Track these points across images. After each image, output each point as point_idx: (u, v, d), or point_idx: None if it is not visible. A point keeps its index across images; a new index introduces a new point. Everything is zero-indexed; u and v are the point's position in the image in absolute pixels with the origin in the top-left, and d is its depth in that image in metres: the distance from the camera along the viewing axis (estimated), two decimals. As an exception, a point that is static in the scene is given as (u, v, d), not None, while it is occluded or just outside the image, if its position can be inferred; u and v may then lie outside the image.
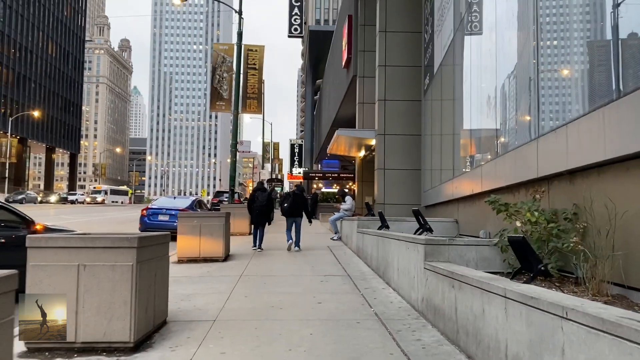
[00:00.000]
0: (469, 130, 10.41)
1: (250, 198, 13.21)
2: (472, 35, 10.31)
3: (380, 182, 17.52)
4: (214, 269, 8.90)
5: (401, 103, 17.80)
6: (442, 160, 13.10)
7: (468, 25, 10.29)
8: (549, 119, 5.89)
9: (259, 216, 12.35)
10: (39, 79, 73.83)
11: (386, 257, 7.71)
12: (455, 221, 11.11)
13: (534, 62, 6.32)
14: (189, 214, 10.10)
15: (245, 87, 17.73)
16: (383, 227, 9.49)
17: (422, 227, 6.76)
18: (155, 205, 16.32)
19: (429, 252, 5.57)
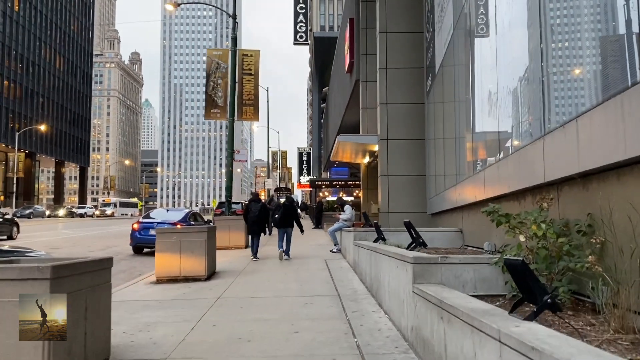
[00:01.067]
0: (471, 132, 9.57)
1: (245, 209, 13.71)
2: (472, 30, 9.50)
3: (384, 189, 16.73)
4: (192, 290, 8.12)
5: (403, 106, 17.01)
6: (446, 165, 12.25)
7: (467, 20, 9.47)
8: (556, 113, 5.05)
9: (253, 226, 12.91)
10: (47, 93, 74.08)
11: (378, 274, 6.88)
12: (460, 231, 10.25)
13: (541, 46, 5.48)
14: (166, 230, 9.35)
15: (241, 94, 17.02)
16: (379, 239, 8.65)
17: (415, 241, 5.95)
18: (147, 219, 15.61)
19: (419, 272, 4.74)
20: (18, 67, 66.70)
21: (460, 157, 10.65)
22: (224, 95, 17.07)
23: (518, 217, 4.52)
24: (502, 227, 4.67)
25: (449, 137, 11.99)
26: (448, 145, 11.97)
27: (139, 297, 7.50)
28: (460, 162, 10.62)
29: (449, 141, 11.94)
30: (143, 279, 9.38)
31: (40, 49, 72.57)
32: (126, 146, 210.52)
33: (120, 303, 7.08)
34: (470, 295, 4.71)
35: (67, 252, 15.56)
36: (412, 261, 4.78)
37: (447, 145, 12.14)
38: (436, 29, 13.40)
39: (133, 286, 8.67)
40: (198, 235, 9.10)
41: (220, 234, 14.73)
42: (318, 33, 56.64)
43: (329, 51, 45.93)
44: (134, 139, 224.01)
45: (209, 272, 9.33)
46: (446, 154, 12.16)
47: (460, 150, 10.63)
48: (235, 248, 14.99)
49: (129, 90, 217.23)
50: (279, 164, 58.40)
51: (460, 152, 10.63)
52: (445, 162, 12.22)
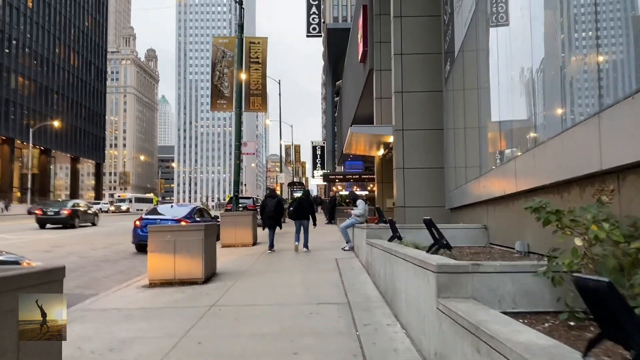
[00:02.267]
0: (497, 121, 8.59)
1: (261, 205, 14.52)
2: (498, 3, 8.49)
3: (400, 182, 15.80)
4: (186, 296, 7.27)
5: (420, 94, 16.05)
6: (468, 157, 11.27)
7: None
8: (616, 85, 4.06)
9: (270, 220, 13.41)
10: (62, 90, 74.11)
11: (394, 280, 5.96)
12: (484, 227, 9.26)
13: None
14: (159, 227, 8.50)
15: (248, 83, 16.14)
16: (394, 238, 7.73)
17: (437, 242, 5.02)
18: (150, 215, 14.84)
19: (444, 284, 3.82)
20: (32, 64, 66.69)
21: (483, 147, 9.66)
22: (231, 85, 16.22)
23: (571, 214, 3.56)
24: (551, 226, 3.70)
25: (471, 126, 11.01)
26: (470, 135, 10.99)
27: (124, 305, 6.67)
28: (484, 153, 9.64)
29: (471, 131, 10.95)
30: (136, 282, 8.56)
31: (55, 46, 72.52)
32: (143, 142, 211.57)
33: (101, 312, 6.26)
34: (509, 312, 3.79)
35: (68, 250, 14.88)
36: (435, 269, 3.85)
37: (468, 135, 11.16)
38: (455, 8, 12.38)
39: (123, 290, 7.86)
40: (194, 233, 8.24)
41: (226, 231, 13.93)
42: (331, 25, 55.54)
43: (342, 43, 44.91)
44: (151, 135, 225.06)
45: (208, 275, 8.47)
46: (468, 144, 11.17)
47: (483, 140, 9.65)
48: (242, 246, 14.16)
49: (145, 87, 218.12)
50: (293, 158, 57.49)
51: (483, 141, 9.65)
52: (467, 153, 11.24)
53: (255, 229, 15.07)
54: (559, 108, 5.50)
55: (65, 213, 27.04)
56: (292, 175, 59.39)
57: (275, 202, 13.55)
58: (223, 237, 14.19)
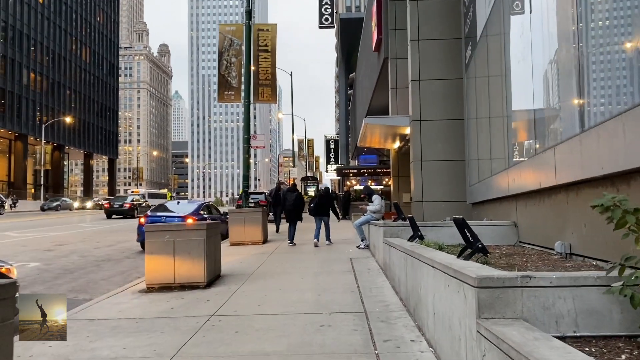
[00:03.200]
0: (529, 109, 7.75)
1: (282, 198, 14.67)
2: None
3: (417, 176, 14.98)
4: (185, 302, 6.56)
5: (439, 83, 15.18)
6: (493, 148, 10.43)
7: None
8: None
9: (290, 214, 13.59)
10: (74, 85, 74.07)
11: (417, 287, 5.19)
12: (514, 224, 8.44)
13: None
14: (157, 227, 7.80)
15: (257, 73, 15.39)
16: (415, 237, 6.94)
17: (470, 245, 4.23)
18: (156, 212, 14.19)
19: (487, 301, 3.05)
20: (44, 60, 66.66)
21: (512, 137, 8.84)
22: (238, 75, 15.48)
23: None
24: (622, 230, 2.90)
25: (496, 115, 10.17)
26: (496, 125, 10.15)
27: (114, 314, 5.98)
28: (512, 143, 8.82)
29: (497, 120, 10.11)
30: (134, 286, 7.89)
31: (66, 41, 72.44)
32: (157, 138, 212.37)
33: (87, 324, 5.57)
34: (569, 337, 3.01)
35: (71, 249, 14.31)
36: (475, 283, 3.07)
37: (494, 124, 10.31)
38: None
39: (117, 296, 7.18)
40: (195, 233, 7.53)
41: (234, 228, 13.26)
42: (344, 14, 54.54)
43: (355, 33, 44.02)
44: (165, 131, 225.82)
45: (210, 278, 7.77)
46: (493, 134, 10.34)
47: (512, 129, 8.82)
48: (252, 244, 13.46)
49: (158, 82, 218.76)
50: (306, 152, 56.71)
51: (512, 131, 8.82)
52: (492, 143, 10.40)
53: (266, 226, 14.36)
54: (619, 85, 4.67)
55: (127, 206, 34.08)
56: (305, 169, 58.71)
57: (295, 196, 13.74)
58: (232, 234, 13.51)
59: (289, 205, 13.57)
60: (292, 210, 13.50)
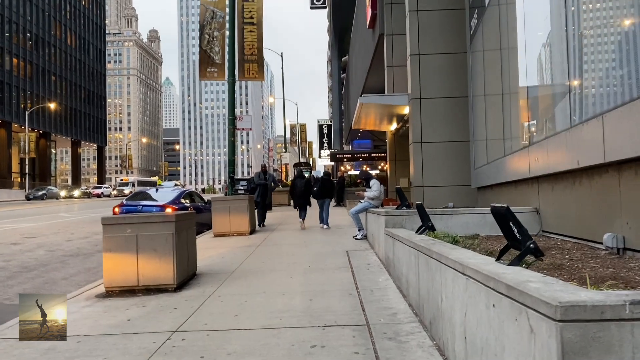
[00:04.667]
0: (558, 82, 6.57)
1: (291, 185, 15.58)
2: None
3: (417, 159, 13.84)
4: (146, 312, 5.37)
5: (440, 57, 13.98)
6: (506, 126, 9.26)
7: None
8: None
9: (300, 200, 14.23)
10: (59, 71, 72.07)
11: (435, 295, 4.01)
12: (535, 211, 7.28)
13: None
14: (117, 219, 6.56)
15: (242, 48, 14.07)
16: (425, 229, 5.77)
17: (517, 244, 3.04)
18: (131, 201, 12.95)
19: (576, 344, 1.88)
20: (28, 45, 64.60)
21: (534, 113, 7.66)
22: (222, 50, 14.15)
23: None
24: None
25: (512, 91, 8.99)
26: (512, 101, 8.97)
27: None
28: (534, 119, 7.65)
29: (512, 96, 8.93)
30: (91, 289, 6.69)
31: (50, 26, 70.27)
32: (147, 125, 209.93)
33: (13, 345, 4.38)
34: None
35: (39, 242, 13.05)
36: (558, 315, 1.89)
37: (509, 101, 9.12)
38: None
39: (68, 303, 5.97)
40: (163, 226, 6.31)
41: (218, 218, 12.08)
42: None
43: (348, 13, 42.57)
44: (156, 118, 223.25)
45: (182, 278, 6.57)
46: (507, 112, 9.15)
47: (534, 105, 7.64)
48: (238, 234, 12.25)
49: (148, 69, 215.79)
50: (298, 137, 55.33)
51: (534, 106, 7.64)
52: (507, 121, 9.22)
53: (254, 216, 13.16)
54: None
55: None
56: (298, 155, 57.31)
57: (304, 183, 14.42)
58: (215, 225, 12.30)
59: (299, 192, 14.24)
60: (302, 195, 14.21)
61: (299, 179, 14.68)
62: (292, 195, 14.82)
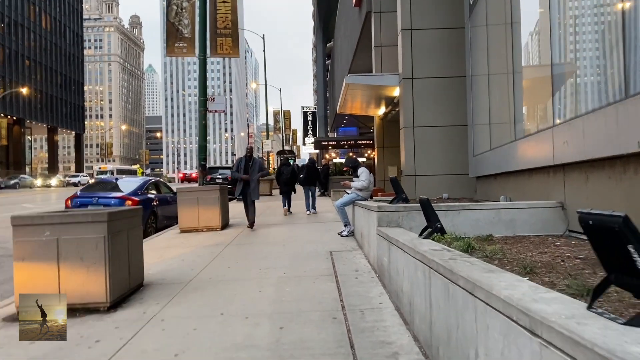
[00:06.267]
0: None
1: (277, 172, 15.78)
2: None
3: (409, 145, 12.55)
4: (56, 348, 3.94)
5: (435, 33, 12.69)
6: (517, 107, 7.95)
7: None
8: None
9: (285, 187, 14.60)
10: (34, 55, 69.32)
11: (464, 341, 2.65)
12: (560, 206, 5.95)
13: None
14: (32, 218, 5.07)
15: (215, 20, 12.56)
16: (432, 231, 4.43)
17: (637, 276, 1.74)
18: (85, 192, 11.42)
19: None
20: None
21: (560, 91, 6.32)
22: (192, 23, 12.59)
23: None
24: None
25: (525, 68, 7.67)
26: (523, 80, 7.64)
27: None
28: (558, 98, 6.33)
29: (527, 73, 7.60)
30: (2, 308, 5.24)
31: (24, 8, 67.38)
32: (130, 112, 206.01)
33: None
34: None
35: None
36: None
37: (520, 79, 7.79)
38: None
39: (-38, 330, 4.53)
40: (92, 227, 4.86)
41: (185, 211, 10.63)
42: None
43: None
44: (138, 105, 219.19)
45: (120, 293, 5.15)
46: (518, 90, 7.81)
47: (557, 82, 6.30)
48: (208, 230, 10.80)
49: (130, 55, 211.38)
50: (282, 124, 53.66)
51: (558, 84, 6.30)
52: (517, 102, 7.88)
53: (226, 208, 11.70)
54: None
55: None
56: (282, 142, 55.72)
57: (290, 170, 14.96)
58: (181, 219, 10.84)
59: (285, 179, 14.59)
60: (287, 182, 14.59)
61: (285, 167, 15.21)
62: (278, 182, 15.22)
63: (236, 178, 10.94)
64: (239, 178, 10.79)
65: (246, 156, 11.12)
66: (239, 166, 10.98)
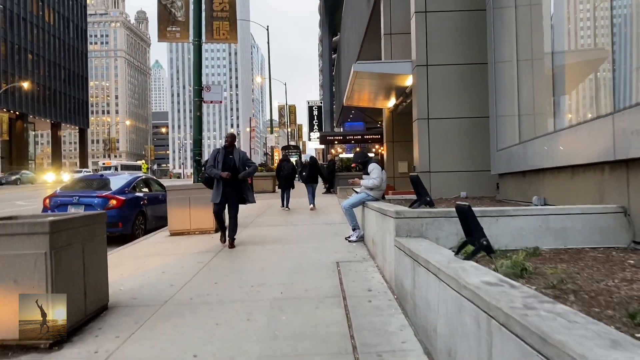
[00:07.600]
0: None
1: (277, 168, 16.26)
2: None
3: (423, 139, 11.44)
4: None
5: (452, 15, 11.59)
6: (556, 95, 6.80)
7: None
8: None
9: (285, 181, 14.85)
10: (37, 50, 68.45)
11: None
12: (623, 212, 4.79)
13: None
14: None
15: (210, 2, 11.45)
16: (477, 248, 3.30)
17: None
18: (66, 191, 10.33)
19: None
20: (1, 21, 60.92)
21: (625, 72, 5.19)
22: (185, 5, 11.49)
23: None
24: None
25: (570, 51, 6.51)
26: (566, 64, 6.48)
27: None
28: (622, 78, 5.18)
29: (570, 57, 6.44)
30: None
31: (27, 2, 66.47)
32: (136, 108, 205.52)
33: None
34: None
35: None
36: None
37: (561, 63, 6.62)
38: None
39: None
40: (28, 240, 3.75)
41: (175, 212, 9.54)
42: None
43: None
44: (144, 101, 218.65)
45: (73, 322, 4.04)
46: (559, 77, 6.65)
47: (622, 62, 5.16)
48: (200, 232, 9.70)
49: (136, 51, 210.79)
50: (287, 119, 52.53)
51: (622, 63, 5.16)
52: (557, 89, 6.73)
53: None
54: None
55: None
56: (287, 138, 54.50)
57: (290, 166, 15.35)
58: (171, 220, 9.72)
59: (285, 174, 14.86)
60: (287, 178, 14.82)
61: (285, 162, 15.52)
62: (278, 177, 15.46)
63: (213, 176, 7.97)
64: (217, 176, 7.86)
65: (225, 147, 8.22)
66: (215, 159, 8.07)
